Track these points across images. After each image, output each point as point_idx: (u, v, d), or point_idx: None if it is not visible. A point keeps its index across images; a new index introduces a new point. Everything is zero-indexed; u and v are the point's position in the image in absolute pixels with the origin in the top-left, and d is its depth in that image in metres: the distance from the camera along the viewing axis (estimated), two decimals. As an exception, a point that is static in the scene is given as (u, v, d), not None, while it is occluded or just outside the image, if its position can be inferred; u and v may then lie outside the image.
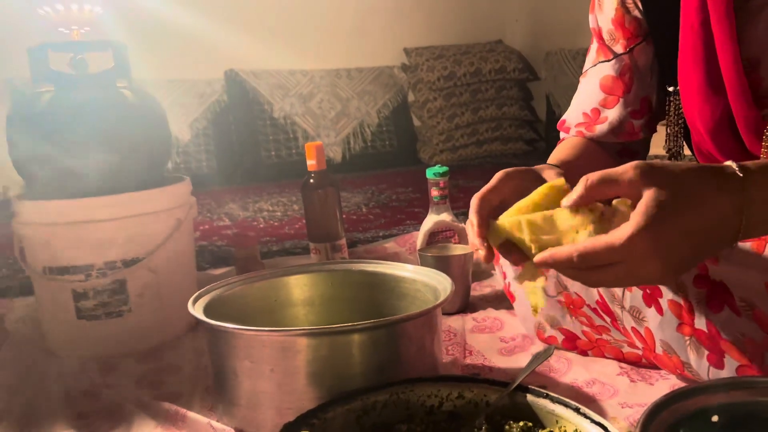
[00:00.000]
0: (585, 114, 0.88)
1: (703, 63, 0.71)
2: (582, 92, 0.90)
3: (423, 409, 0.63)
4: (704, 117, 0.71)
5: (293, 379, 0.65)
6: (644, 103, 0.85)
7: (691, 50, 0.72)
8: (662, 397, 0.54)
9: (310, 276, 0.91)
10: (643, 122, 0.86)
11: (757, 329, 0.62)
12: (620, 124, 0.85)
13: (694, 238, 0.50)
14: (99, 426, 0.76)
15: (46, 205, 0.96)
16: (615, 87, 0.85)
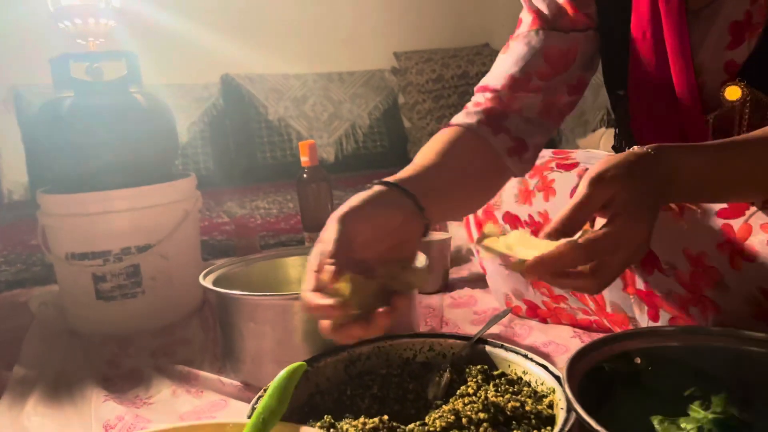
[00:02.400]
0: (512, 77, 0.80)
1: (654, 70, 0.76)
2: (511, 56, 0.82)
3: (400, 360, 0.75)
4: (653, 122, 0.79)
5: (291, 337, 0.76)
6: (581, 81, 0.83)
7: (643, 58, 0.77)
8: (591, 342, 0.66)
9: (305, 257, 1.02)
10: (572, 100, 0.83)
11: (679, 287, 0.74)
12: (553, 97, 0.81)
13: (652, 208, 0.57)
14: (122, 386, 0.88)
15: (68, 198, 1.08)
16: (558, 60, 0.80)
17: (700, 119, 0.74)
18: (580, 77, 0.84)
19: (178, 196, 1.14)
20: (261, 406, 0.50)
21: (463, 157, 0.75)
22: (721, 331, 0.66)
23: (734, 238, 0.67)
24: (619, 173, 0.56)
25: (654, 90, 0.78)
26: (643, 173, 0.57)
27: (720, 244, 0.69)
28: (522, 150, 0.80)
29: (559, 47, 0.81)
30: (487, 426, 0.57)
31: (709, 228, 0.70)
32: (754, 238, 0.66)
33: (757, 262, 0.65)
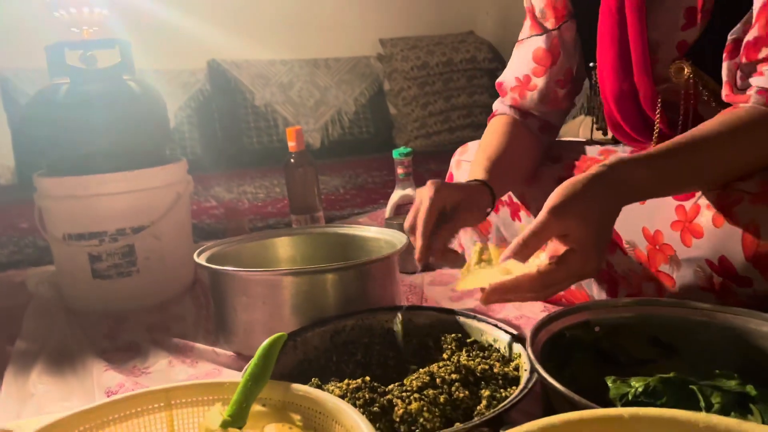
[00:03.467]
0: (517, 78, 1.00)
1: (617, 43, 0.85)
2: (516, 59, 1.02)
3: (382, 331, 0.81)
4: (613, 90, 0.87)
5: (280, 310, 0.82)
6: (567, 74, 0.98)
7: (608, 31, 0.86)
8: (555, 311, 0.73)
9: (293, 238, 1.08)
10: (566, 92, 0.99)
11: (637, 265, 0.81)
12: (547, 92, 0.98)
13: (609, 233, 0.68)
14: (121, 358, 0.93)
15: (64, 181, 1.12)
16: (545, 58, 0.97)
17: (652, 91, 0.83)
18: (567, 70, 0.98)
19: (170, 179, 1.19)
20: (248, 371, 0.55)
21: (516, 136, 0.98)
22: (672, 302, 0.73)
23: (685, 218, 0.74)
24: (577, 208, 0.65)
25: (616, 62, 0.86)
26: (600, 198, 0.66)
27: (673, 223, 0.75)
28: (549, 127, 1.04)
29: (543, 48, 0.97)
30: (459, 385, 0.63)
31: (664, 209, 0.77)
32: (701, 217, 0.73)
33: (704, 239, 0.72)
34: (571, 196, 0.65)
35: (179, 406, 0.57)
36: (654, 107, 0.84)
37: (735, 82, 0.73)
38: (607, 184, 0.67)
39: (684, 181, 0.73)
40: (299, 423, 0.54)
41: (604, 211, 0.67)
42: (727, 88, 0.74)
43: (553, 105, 1.01)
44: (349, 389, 0.64)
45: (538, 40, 0.98)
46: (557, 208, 0.64)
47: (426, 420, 0.59)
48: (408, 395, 0.62)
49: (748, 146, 0.70)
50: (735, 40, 0.73)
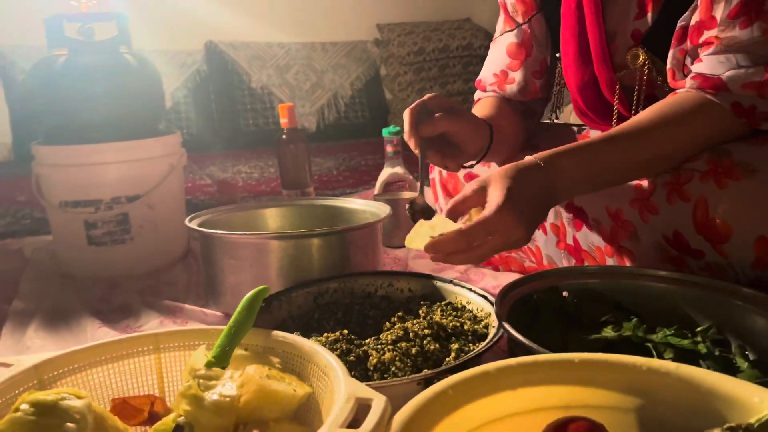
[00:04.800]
0: (495, 75, 1.04)
1: (577, 36, 0.90)
2: (492, 56, 1.06)
3: (363, 294, 0.86)
4: (576, 79, 0.92)
5: (267, 272, 0.86)
6: (542, 64, 1.01)
7: (569, 25, 0.91)
8: (525, 276, 0.77)
9: (282, 209, 1.12)
10: (542, 82, 1.02)
11: (601, 240, 0.86)
12: (525, 84, 1.01)
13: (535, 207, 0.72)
14: (113, 318, 0.98)
15: (62, 150, 1.16)
16: (518, 52, 1.01)
17: (610, 76, 0.87)
18: (542, 60, 1.02)
19: (164, 150, 1.22)
20: (232, 319, 0.60)
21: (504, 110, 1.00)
22: (635, 271, 0.78)
23: (643, 196, 0.79)
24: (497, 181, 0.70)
25: (576, 54, 0.91)
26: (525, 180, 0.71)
27: (632, 201, 0.80)
28: (531, 114, 1.07)
29: (516, 42, 1.01)
30: (430, 339, 0.68)
31: (624, 188, 0.81)
32: (657, 196, 0.77)
33: (660, 215, 0.76)
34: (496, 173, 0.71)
35: (167, 350, 0.61)
36: (613, 93, 0.89)
37: (681, 68, 0.78)
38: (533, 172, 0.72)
39: (620, 170, 0.77)
40: (278, 365, 0.58)
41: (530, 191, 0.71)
42: (670, 74, 0.79)
43: (532, 95, 1.04)
44: (328, 341, 0.68)
45: (511, 36, 1.02)
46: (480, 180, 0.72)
47: (398, 368, 0.63)
48: (382, 347, 0.66)
49: (684, 130, 0.74)
50: (683, 27, 0.77)
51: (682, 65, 0.77)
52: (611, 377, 0.49)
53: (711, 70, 0.73)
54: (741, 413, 0.43)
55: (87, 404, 0.50)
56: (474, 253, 0.70)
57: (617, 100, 0.87)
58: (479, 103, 1.06)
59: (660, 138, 0.74)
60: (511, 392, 0.49)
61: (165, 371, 0.61)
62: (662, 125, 0.74)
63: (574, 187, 0.76)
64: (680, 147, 0.75)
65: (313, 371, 0.55)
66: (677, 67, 0.78)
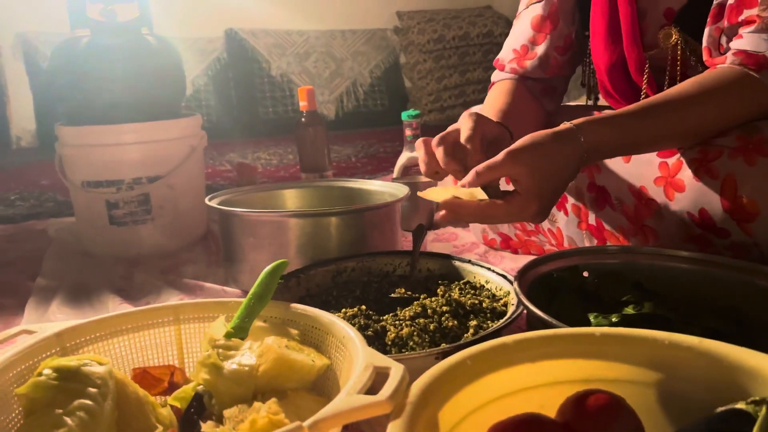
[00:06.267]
0: (515, 50, 1.00)
1: (607, 13, 0.88)
2: (514, 32, 1.02)
3: (381, 273, 0.85)
4: (604, 58, 0.90)
5: (286, 250, 0.87)
6: (566, 40, 0.98)
7: (600, 3, 0.89)
8: (542, 255, 0.76)
9: (301, 190, 1.12)
10: (565, 59, 0.99)
11: (624, 220, 0.85)
12: (547, 58, 0.97)
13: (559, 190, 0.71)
14: (135, 295, 0.99)
15: (84, 130, 1.17)
16: (543, 25, 0.97)
17: (640, 56, 0.85)
18: (566, 36, 0.98)
19: (185, 132, 1.23)
20: (251, 291, 0.60)
21: (520, 97, 0.97)
22: (655, 250, 0.77)
23: (668, 173, 0.77)
24: (531, 157, 0.68)
25: (606, 30, 0.89)
26: (557, 154, 0.69)
27: (657, 179, 0.79)
28: (552, 91, 1.02)
29: (542, 14, 0.98)
30: (448, 316, 0.68)
31: (648, 166, 0.80)
32: (683, 173, 0.76)
33: (686, 192, 0.75)
34: (530, 145, 0.69)
35: (187, 321, 0.62)
36: (642, 74, 0.87)
37: (717, 46, 0.76)
38: (567, 142, 0.70)
39: (654, 139, 0.75)
40: (297, 337, 0.58)
41: (557, 167, 0.69)
42: (706, 53, 0.77)
43: (554, 71, 1.00)
44: (346, 316, 0.68)
45: (537, 8, 0.98)
46: (513, 152, 0.68)
47: (415, 344, 0.63)
48: (400, 323, 0.66)
49: (722, 104, 0.72)
50: (719, 5, 0.75)
51: (717, 44, 0.76)
52: (632, 351, 0.49)
53: (754, 47, 0.71)
54: (765, 387, 0.42)
55: (108, 370, 0.51)
56: (486, 221, 0.72)
57: (646, 82, 0.86)
58: (494, 91, 1.02)
59: (698, 111, 0.72)
60: (530, 365, 0.48)
61: (185, 342, 0.62)
62: (702, 98, 0.72)
63: (604, 154, 0.74)
64: (717, 121, 0.73)
65: (332, 343, 0.55)
66: (713, 45, 0.76)
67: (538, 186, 0.68)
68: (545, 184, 0.68)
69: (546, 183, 0.68)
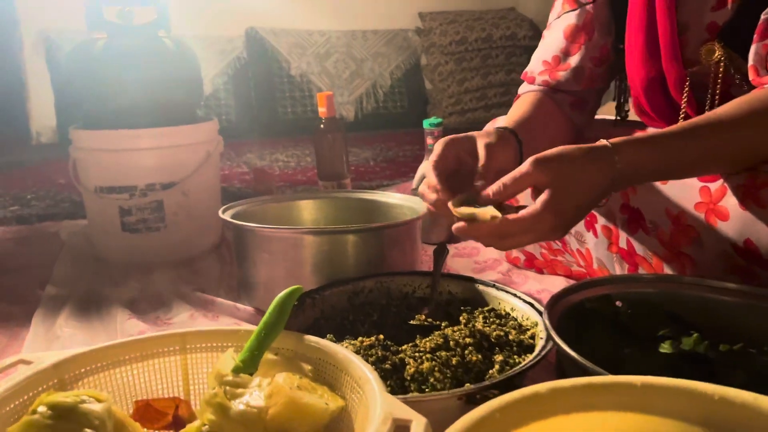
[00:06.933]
0: (545, 62, 0.94)
1: (645, 27, 0.82)
2: (544, 43, 0.96)
3: (400, 294, 0.81)
4: (641, 74, 0.84)
5: (301, 268, 0.83)
6: (602, 51, 0.92)
7: (637, 14, 0.83)
8: (576, 283, 0.72)
9: (317, 201, 1.09)
10: (602, 70, 0.93)
11: (659, 245, 0.79)
12: (581, 70, 0.91)
13: (582, 209, 0.67)
14: (145, 308, 0.96)
15: (98, 134, 1.14)
16: (577, 35, 0.91)
17: (680, 73, 0.80)
18: (602, 47, 0.93)
19: (201, 137, 1.20)
20: (263, 320, 0.56)
21: (545, 110, 0.92)
22: (695, 281, 0.71)
23: (710, 199, 0.72)
24: (558, 166, 0.63)
25: (644, 44, 0.83)
26: (589, 171, 0.64)
27: (698, 204, 0.73)
28: (582, 104, 0.96)
29: (576, 24, 0.92)
30: (472, 349, 0.63)
31: (688, 190, 0.75)
32: (727, 200, 0.70)
33: (729, 221, 0.70)
34: (558, 155, 0.64)
35: (194, 351, 0.58)
36: (681, 92, 0.81)
37: (764, 65, 0.70)
38: (600, 160, 0.65)
39: (698, 164, 0.70)
40: (309, 373, 0.54)
41: (583, 184, 0.65)
42: (752, 71, 0.71)
43: (587, 83, 0.94)
44: (363, 346, 0.64)
45: (571, 17, 0.93)
46: (539, 160, 0.64)
47: (436, 380, 0.59)
48: (420, 355, 0.62)
49: None
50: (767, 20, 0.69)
51: (765, 62, 0.70)
52: (676, 405, 0.44)
53: None
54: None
55: (107, 408, 0.47)
56: (502, 244, 0.67)
57: (685, 100, 0.80)
58: (517, 103, 0.96)
59: (748, 134, 0.67)
60: (564, 417, 0.44)
61: (191, 372, 0.58)
62: (752, 120, 0.66)
63: (641, 177, 0.69)
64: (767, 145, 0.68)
65: (347, 382, 0.51)
66: (760, 63, 0.71)
67: (557, 199, 0.63)
68: (567, 199, 0.64)
69: (568, 198, 0.64)
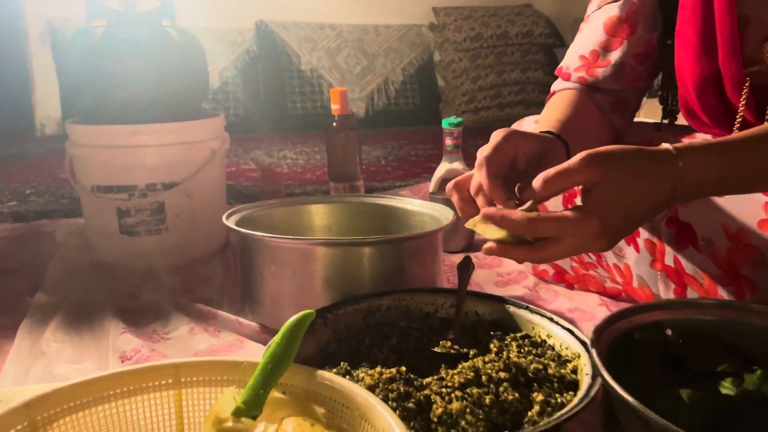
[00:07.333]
0: (582, 57, 0.87)
1: (700, 20, 0.74)
2: (582, 36, 0.88)
3: (421, 314, 0.73)
4: (693, 73, 0.76)
5: (311, 282, 0.75)
6: (647, 47, 0.84)
7: (691, 6, 0.75)
8: (621, 309, 0.64)
9: (329, 206, 1.01)
10: (645, 68, 0.85)
11: (712, 265, 0.71)
12: (622, 66, 0.84)
13: (633, 219, 0.58)
14: (140, 320, 0.88)
15: (96, 129, 1.07)
16: (620, 28, 0.84)
17: (739, 72, 0.71)
18: (646, 42, 0.84)
19: (206, 135, 1.12)
20: (269, 351, 0.48)
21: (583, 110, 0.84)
22: (762, 309, 0.63)
23: None
24: (614, 165, 0.55)
25: (698, 43, 0.75)
26: (644, 172, 0.56)
27: (762, 222, 0.65)
28: (623, 105, 0.88)
29: (618, 16, 0.84)
30: (507, 386, 0.55)
31: (751, 204, 0.67)
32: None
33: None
34: (616, 153, 0.56)
35: (189, 385, 0.50)
36: (740, 93, 0.73)
37: None
38: (662, 165, 0.57)
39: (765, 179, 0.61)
40: (323, 418, 0.46)
41: (640, 190, 0.56)
42: None
43: (629, 82, 0.86)
44: (382, 379, 0.56)
45: (612, 8, 0.85)
46: (591, 156, 0.55)
47: (468, 423, 0.51)
48: (448, 392, 0.54)
49: None
50: None
51: None
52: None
53: None
54: None
55: (82, 462, 0.40)
56: (537, 253, 0.58)
57: (743, 103, 0.72)
58: (553, 101, 0.88)
59: None
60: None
61: (186, 410, 0.50)
62: None
63: (705, 189, 0.60)
64: None
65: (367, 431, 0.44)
66: None
67: (607, 202, 0.55)
68: (618, 205, 0.55)
69: (619, 204, 0.55)
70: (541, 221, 0.55)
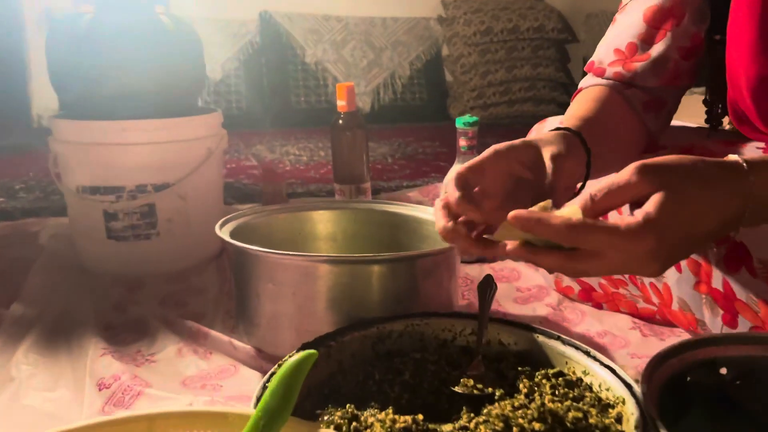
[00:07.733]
0: (618, 50, 0.77)
1: (759, 13, 0.66)
2: (616, 29, 0.79)
3: (437, 342, 0.65)
4: (749, 72, 0.67)
5: (313, 303, 0.67)
6: (695, 40, 0.75)
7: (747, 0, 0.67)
8: (672, 345, 0.55)
9: (334, 212, 0.92)
10: (690, 64, 0.76)
11: (772, 291, 0.62)
12: (664, 60, 0.75)
13: (695, 240, 0.49)
14: (125, 338, 0.80)
15: (81, 125, 0.99)
16: (662, 18, 0.75)
17: None
18: (693, 35, 0.75)
19: (201, 132, 1.04)
20: (260, 407, 0.40)
21: (613, 107, 0.75)
22: (835, 347, 0.54)
23: None
24: (677, 177, 0.47)
25: (756, 36, 0.66)
26: (716, 190, 0.48)
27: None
28: (659, 105, 0.78)
29: (660, 6, 0.75)
30: (543, 439, 0.47)
31: None
32: None
33: None
34: (675, 165, 0.48)
35: (166, 440, 0.42)
36: None
37: None
38: (732, 179, 0.49)
39: None
40: (325, 489, 0.38)
41: (705, 206, 0.48)
42: None
43: (669, 80, 0.76)
44: (395, 429, 0.48)
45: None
46: (647, 167, 0.47)
47: (498, 490, 0.42)
48: (474, 447, 0.46)
49: None
50: None
51: None
52: None
53: None
54: None
55: None
56: (572, 263, 0.48)
57: None
58: (579, 98, 0.78)
59: None
60: None
61: (161, 470, 0.42)
62: None
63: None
64: None
65: None
66: None
67: (667, 216, 0.46)
68: (679, 221, 0.47)
69: (681, 220, 0.47)
70: (585, 230, 0.46)
